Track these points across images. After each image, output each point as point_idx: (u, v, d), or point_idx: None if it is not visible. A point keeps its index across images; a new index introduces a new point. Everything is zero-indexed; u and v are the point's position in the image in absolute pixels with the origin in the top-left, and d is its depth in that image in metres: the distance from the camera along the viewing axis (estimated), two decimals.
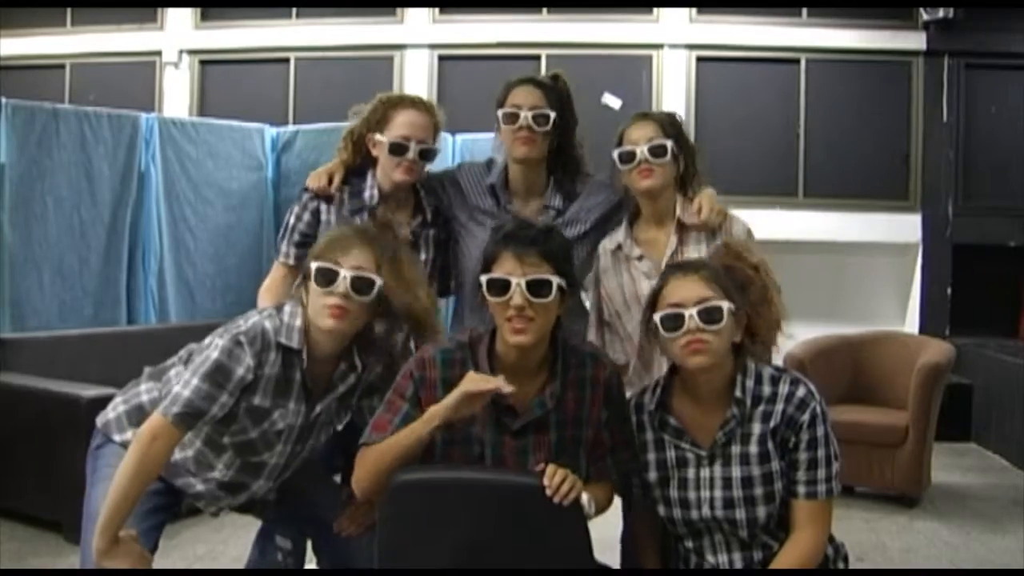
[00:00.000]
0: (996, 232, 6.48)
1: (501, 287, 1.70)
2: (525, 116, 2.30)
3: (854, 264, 6.64)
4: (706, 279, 1.77)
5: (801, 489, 1.76)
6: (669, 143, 2.22)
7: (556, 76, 2.43)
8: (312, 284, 1.84)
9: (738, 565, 1.80)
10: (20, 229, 4.25)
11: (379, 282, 1.85)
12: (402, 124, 2.31)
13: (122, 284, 4.69)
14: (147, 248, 4.80)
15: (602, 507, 1.78)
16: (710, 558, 1.82)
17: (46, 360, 3.89)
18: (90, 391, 3.47)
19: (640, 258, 2.25)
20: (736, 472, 1.76)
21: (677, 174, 2.27)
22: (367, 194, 2.37)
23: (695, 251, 2.21)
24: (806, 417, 1.75)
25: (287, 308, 1.90)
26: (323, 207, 2.37)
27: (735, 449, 1.77)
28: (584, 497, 1.65)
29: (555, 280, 1.70)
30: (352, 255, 1.84)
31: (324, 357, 1.91)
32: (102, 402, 3.39)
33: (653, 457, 1.84)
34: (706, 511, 1.78)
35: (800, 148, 6.67)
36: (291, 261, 2.38)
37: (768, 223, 6.54)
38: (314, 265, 1.84)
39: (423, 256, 2.39)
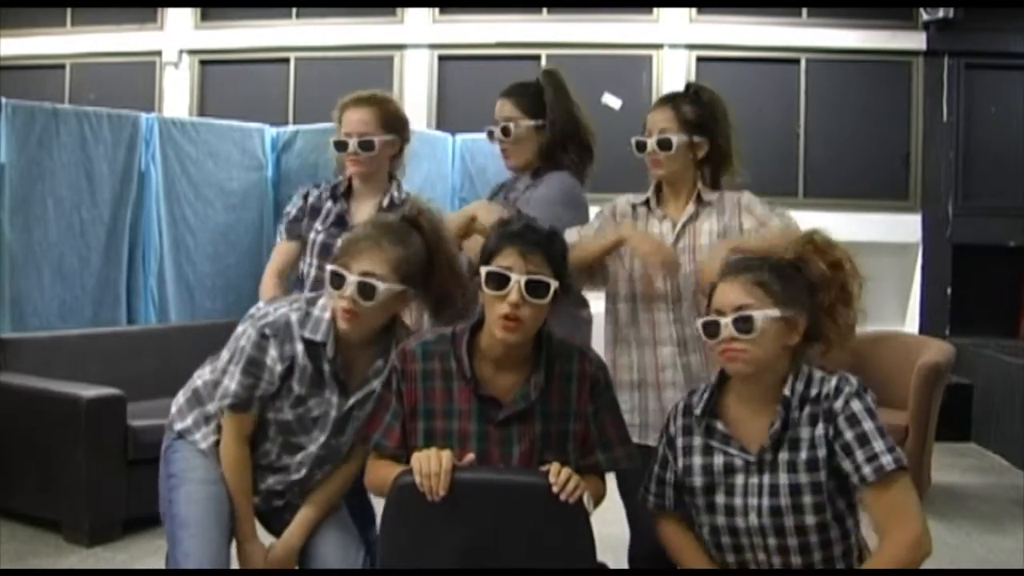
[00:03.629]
0: (996, 232, 6.48)
1: (500, 281, 1.70)
2: (497, 132, 2.48)
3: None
4: (750, 283, 1.72)
5: (867, 469, 1.61)
6: (675, 138, 2.24)
7: (546, 73, 2.51)
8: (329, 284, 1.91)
9: None
10: (20, 229, 4.24)
11: (382, 287, 1.86)
12: (345, 123, 2.51)
13: (122, 284, 4.68)
14: (147, 248, 4.80)
15: (597, 502, 1.79)
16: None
17: (46, 360, 3.88)
18: (90, 391, 3.48)
19: (664, 217, 2.31)
20: (783, 479, 1.68)
21: (694, 157, 2.29)
22: (338, 181, 2.59)
23: (707, 222, 2.26)
24: (839, 402, 1.67)
25: (320, 301, 1.96)
26: (312, 192, 2.60)
27: (783, 456, 1.70)
28: (586, 496, 1.66)
29: (553, 284, 1.71)
30: (362, 259, 1.88)
31: (357, 349, 1.96)
32: (102, 402, 3.47)
33: (700, 462, 1.78)
34: (753, 519, 1.70)
35: (800, 148, 6.67)
36: (283, 236, 2.60)
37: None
38: (329, 268, 1.91)
39: None
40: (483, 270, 1.73)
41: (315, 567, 2.00)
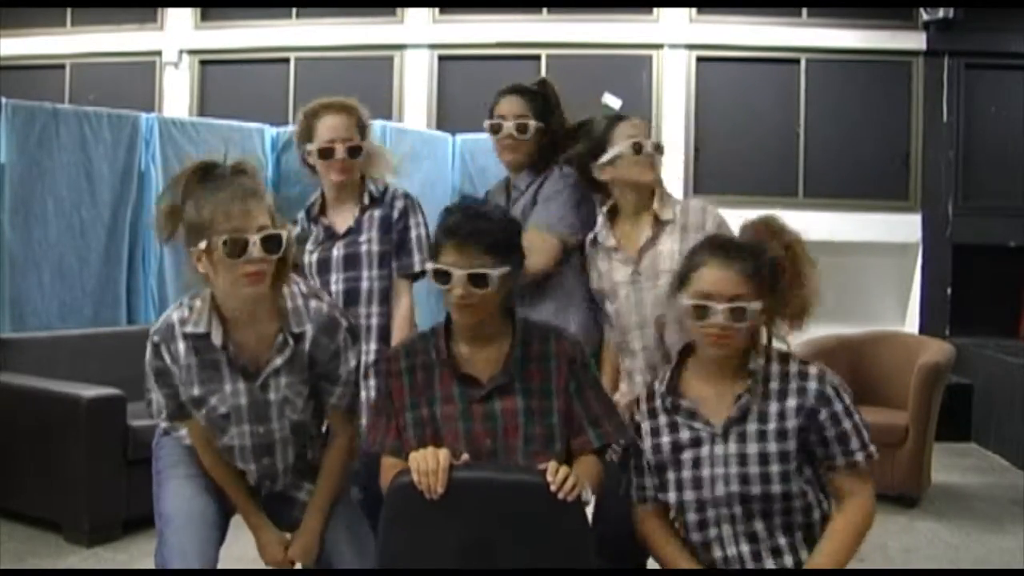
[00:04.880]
0: (996, 232, 6.48)
1: (444, 277, 1.77)
2: (508, 126, 2.49)
3: (854, 264, 6.64)
4: (744, 274, 1.77)
5: (840, 460, 1.79)
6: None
7: (543, 82, 2.59)
8: (222, 256, 1.74)
9: (747, 560, 1.78)
10: (20, 229, 4.24)
11: (284, 234, 1.79)
12: (325, 130, 2.48)
13: (122, 284, 4.69)
14: (147, 248, 4.80)
15: (595, 485, 1.76)
16: (716, 552, 1.81)
17: (46, 360, 3.89)
18: (90, 391, 3.48)
19: (615, 248, 2.32)
20: (753, 448, 1.77)
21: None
22: (311, 204, 2.61)
23: (667, 244, 2.25)
24: (823, 398, 1.79)
25: (204, 292, 1.86)
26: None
27: (751, 427, 1.78)
28: (586, 492, 1.67)
29: (494, 273, 1.76)
30: (250, 217, 1.75)
31: (248, 330, 1.87)
32: (102, 402, 3.47)
33: (668, 439, 1.85)
34: (720, 488, 1.77)
35: (800, 148, 6.67)
36: None
37: None
38: (220, 238, 1.74)
39: (364, 236, 2.52)
40: (428, 267, 1.81)
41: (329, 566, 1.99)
